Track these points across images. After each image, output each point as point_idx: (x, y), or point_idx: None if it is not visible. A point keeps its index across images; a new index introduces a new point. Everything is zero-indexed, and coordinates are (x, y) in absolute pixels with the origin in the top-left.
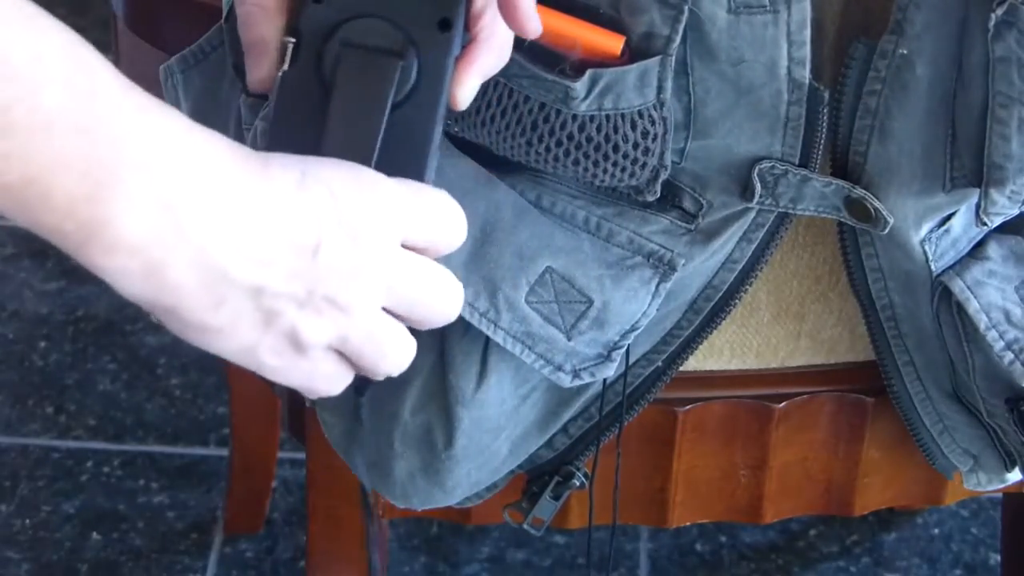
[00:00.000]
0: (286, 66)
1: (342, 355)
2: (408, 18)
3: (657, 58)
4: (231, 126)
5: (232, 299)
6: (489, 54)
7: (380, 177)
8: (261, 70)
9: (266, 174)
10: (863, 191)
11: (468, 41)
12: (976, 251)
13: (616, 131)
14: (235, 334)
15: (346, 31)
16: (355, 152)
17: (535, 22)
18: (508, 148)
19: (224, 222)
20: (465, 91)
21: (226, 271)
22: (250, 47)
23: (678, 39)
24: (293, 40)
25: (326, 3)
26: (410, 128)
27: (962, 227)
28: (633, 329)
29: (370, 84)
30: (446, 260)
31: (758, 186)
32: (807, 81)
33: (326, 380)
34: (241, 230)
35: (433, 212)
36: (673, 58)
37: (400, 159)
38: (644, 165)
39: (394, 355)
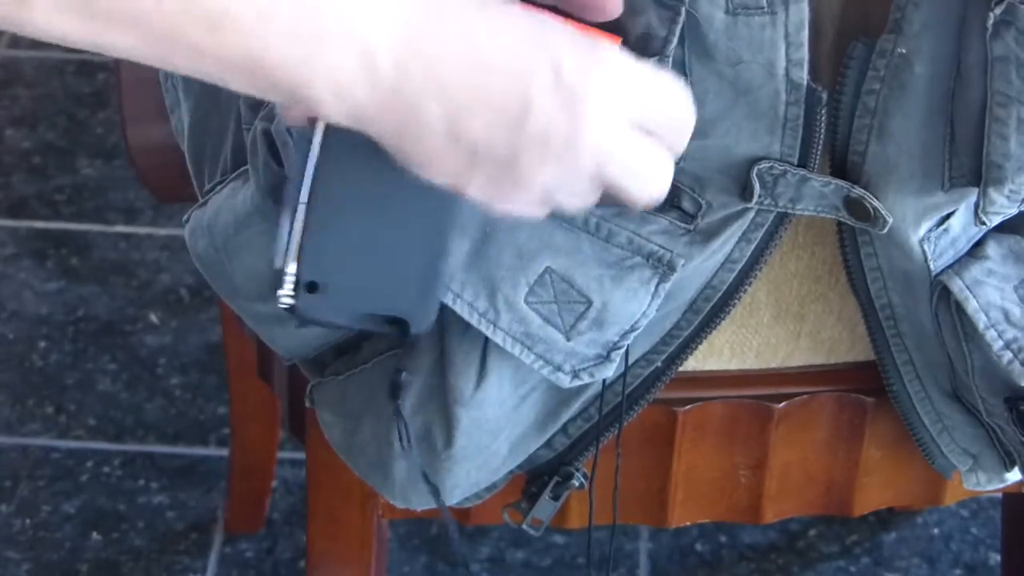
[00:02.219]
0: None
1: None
2: None
3: (654, 59)
4: (231, 126)
5: (436, 142)
6: None
7: (616, 55)
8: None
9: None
10: (862, 191)
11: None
12: (975, 250)
13: None
14: (443, 168)
15: None
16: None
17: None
18: None
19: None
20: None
21: (423, 115)
22: None
23: (675, 40)
24: None
25: None
26: None
27: (961, 226)
28: (633, 329)
29: None
30: None
31: (757, 186)
32: (805, 82)
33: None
34: (451, 77)
35: (666, 100)
36: (670, 59)
37: None
38: None
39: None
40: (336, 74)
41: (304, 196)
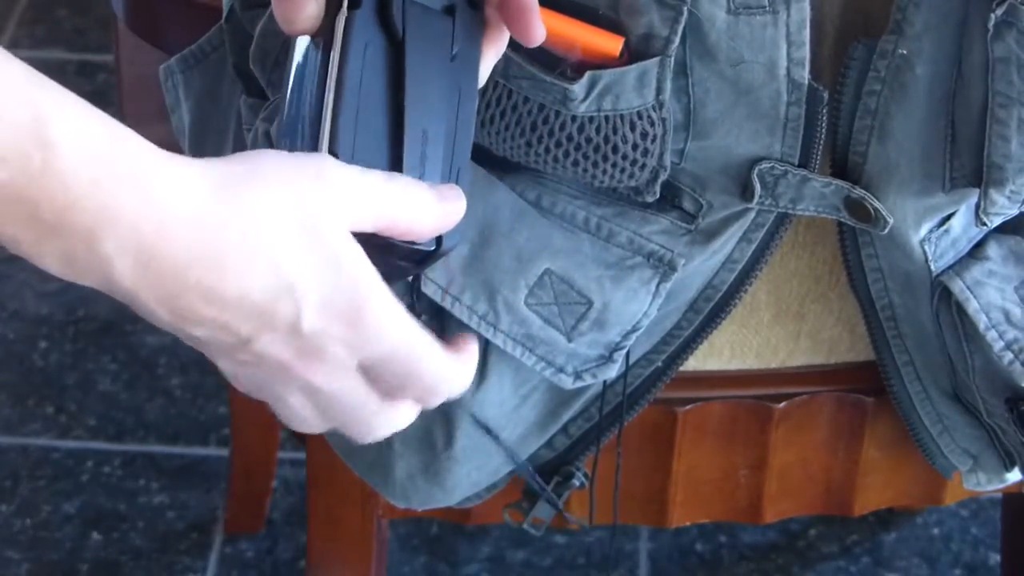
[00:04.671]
0: (345, 8)
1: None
2: None
3: (656, 59)
4: (231, 126)
5: (183, 331)
6: (502, 37)
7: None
8: (304, 8)
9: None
10: (863, 191)
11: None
12: (976, 251)
13: (615, 132)
14: (207, 350)
15: None
16: (438, 102)
17: (541, 30)
18: (507, 149)
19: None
20: (539, 26)
21: (145, 309)
22: None
23: (677, 40)
24: None
25: None
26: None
27: (962, 227)
28: (634, 330)
29: (435, 38)
30: (445, 262)
31: (758, 186)
32: (806, 82)
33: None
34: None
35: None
36: (672, 59)
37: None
38: (643, 166)
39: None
40: (69, 263)
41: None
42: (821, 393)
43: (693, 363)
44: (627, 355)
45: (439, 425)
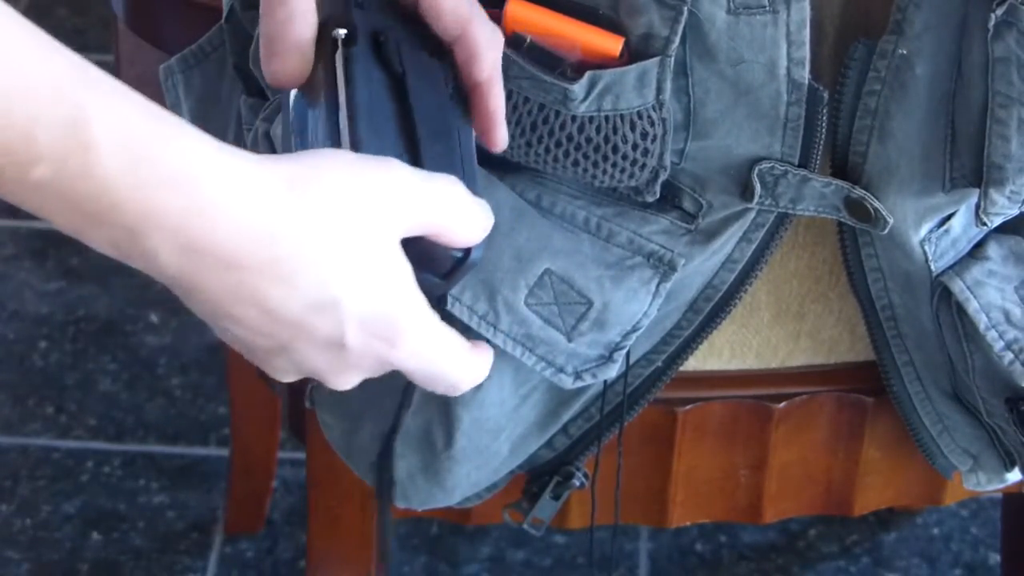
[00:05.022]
0: (341, 46)
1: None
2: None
3: (656, 59)
4: (231, 126)
5: (224, 325)
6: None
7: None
8: (289, 61)
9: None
10: (863, 191)
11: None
12: (976, 251)
13: (615, 132)
14: (241, 346)
15: (394, 31)
16: (444, 134)
17: (504, 137)
18: (508, 148)
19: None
20: (503, 132)
21: (187, 299)
22: (276, 39)
23: (677, 40)
24: (345, 31)
25: (366, 8)
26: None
27: (962, 227)
28: (634, 330)
29: (433, 75)
30: None
31: (758, 186)
32: (806, 81)
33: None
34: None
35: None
36: (672, 59)
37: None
38: (643, 166)
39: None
40: (116, 249)
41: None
42: (821, 393)
43: (693, 363)
44: (627, 355)
45: (439, 425)
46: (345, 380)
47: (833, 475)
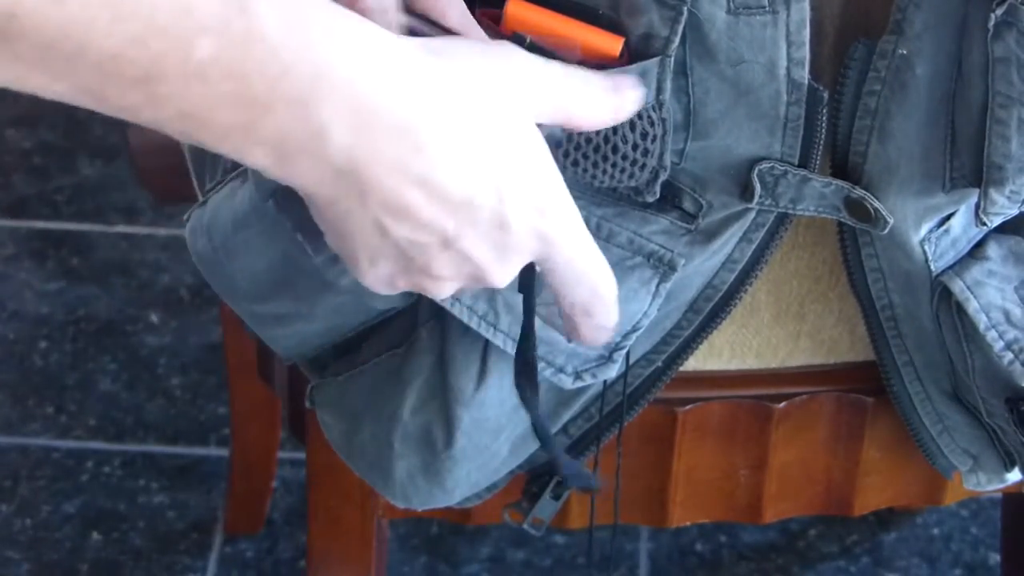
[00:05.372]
0: None
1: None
2: None
3: (656, 59)
4: None
5: (362, 230)
6: None
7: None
8: None
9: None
10: (863, 191)
11: None
12: (976, 251)
13: (615, 132)
14: (353, 249)
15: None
16: None
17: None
18: None
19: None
20: None
21: (356, 205)
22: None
23: (677, 40)
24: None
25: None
26: None
27: (962, 227)
28: (634, 330)
29: None
30: None
31: (758, 186)
32: (806, 81)
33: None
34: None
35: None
36: (672, 59)
37: None
38: (643, 166)
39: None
40: (281, 144)
41: None
42: (821, 393)
43: (693, 363)
44: (627, 355)
45: (439, 425)
46: (507, 271)
47: (833, 475)
